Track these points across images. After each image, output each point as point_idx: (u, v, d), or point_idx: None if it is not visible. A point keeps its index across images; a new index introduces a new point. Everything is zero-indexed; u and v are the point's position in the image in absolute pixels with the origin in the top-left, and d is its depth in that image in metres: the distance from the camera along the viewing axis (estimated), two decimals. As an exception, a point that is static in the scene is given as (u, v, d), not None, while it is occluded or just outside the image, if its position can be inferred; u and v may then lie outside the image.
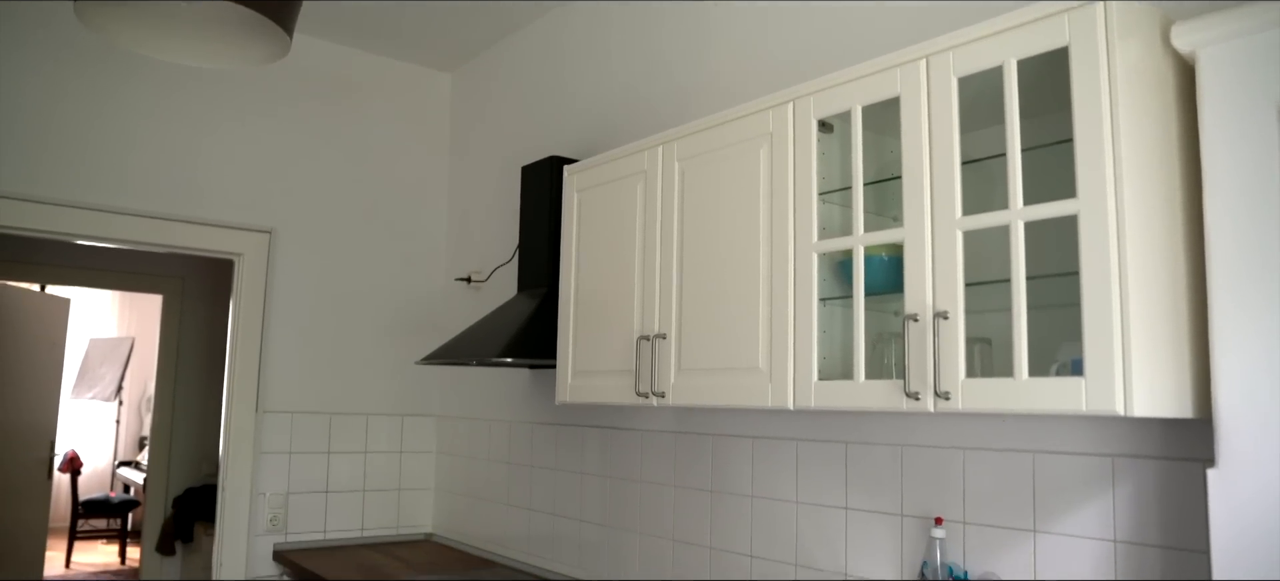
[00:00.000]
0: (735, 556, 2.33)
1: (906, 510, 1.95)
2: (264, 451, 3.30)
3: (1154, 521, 1.58)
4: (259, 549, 3.28)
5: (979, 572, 1.82)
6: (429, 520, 3.70)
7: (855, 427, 2.08)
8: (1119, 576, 1.61)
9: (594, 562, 2.80)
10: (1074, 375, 1.38)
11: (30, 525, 4.69)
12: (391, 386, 3.62)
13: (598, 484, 2.81)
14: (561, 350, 2.40)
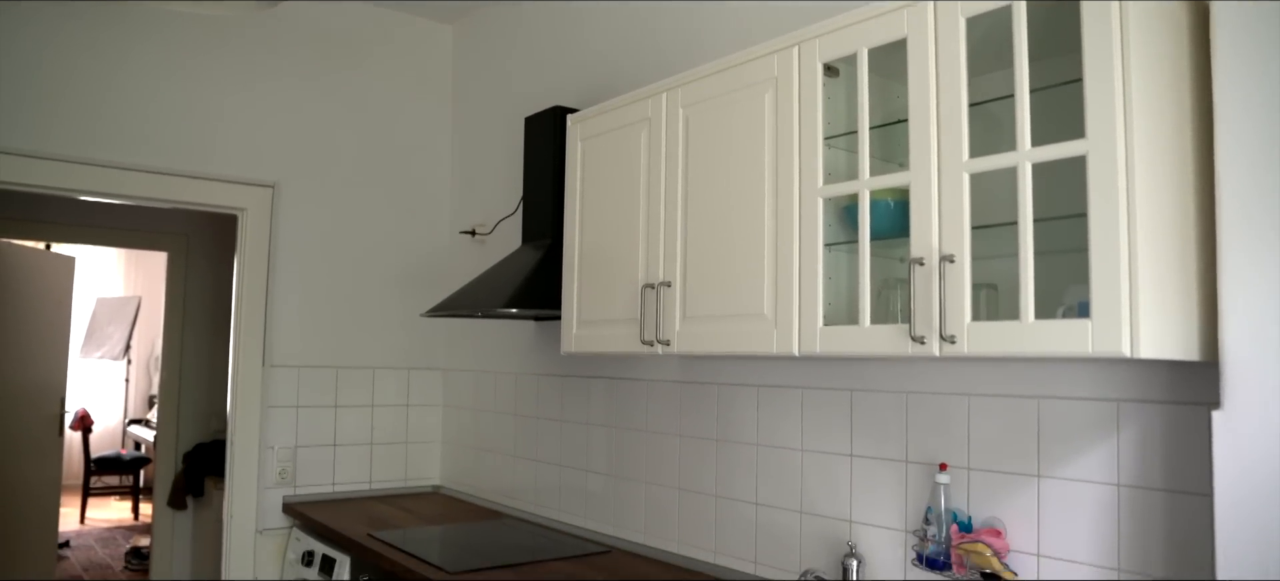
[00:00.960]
0: (740, 504, 2.35)
1: (911, 457, 1.96)
2: (271, 405, 3.33)
3: (1158, 465, 1.59)
4: (269, 501, 3.31)
5: (983, 517, 1.83)
6: (437, 473, 3.74)
7: (860, 375, 2.08)
8: (1122, 520, 1.62)
9: (600, 512, 2.83)
10: (1080, 318, 1.37)
11: (44, 481, 4.75)
12: (397, 340, 3.63)
13: (603, 434, 2.83)
14: (566, 300, 2.40)
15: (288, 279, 3.39)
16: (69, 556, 6.23)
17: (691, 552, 2.48)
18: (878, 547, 2.01)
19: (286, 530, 3.33)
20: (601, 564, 2.50)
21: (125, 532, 7.12)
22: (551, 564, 2.48)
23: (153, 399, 7.94)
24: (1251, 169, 1.37)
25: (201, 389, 4.70)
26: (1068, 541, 1.69)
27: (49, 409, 4.79)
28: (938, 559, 1.85)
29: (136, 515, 7.71)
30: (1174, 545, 1.56)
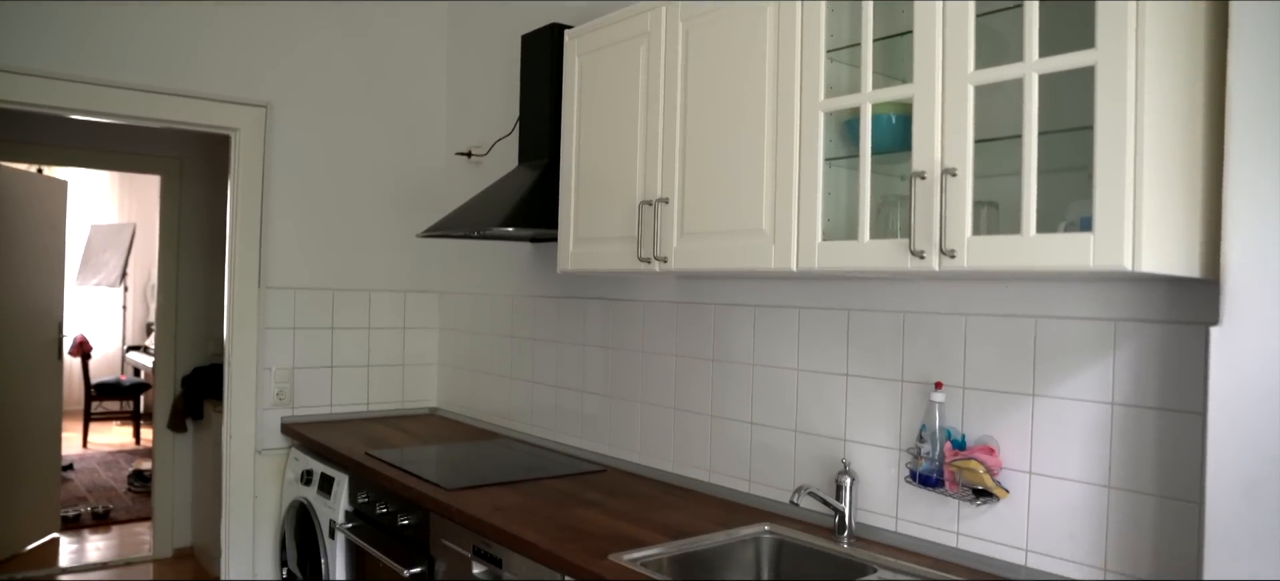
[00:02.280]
0: (735, 423, 2.37)
1: (907, 376, 1.97)
2: (268, 327, 3.33)
3: (1152, 384, 1.59)
4: (267, 422, 3.34)
5: (977, 436, 1.84)
6: (433, 395, 3.76)
7: (858, 294, 2.07)
8: (1114, 438, 1.63)
9: (596, 433, 2.85)
10: (1082, 232, 1.36)
11: (45, 405, 4.78)
12: (393, 263, 3.62)
13: (600, 355, 2.84)
14: (563, 218, 2.37)
15: (282, 201, 3.35)
16: (73, 478, 6.31)
17: (687, 471, 2.51)
18: (871, 466, 2.02)
19: (285, 450, 3.36)
20: (597, 481, 2.53)
21: (127, 456, 7.20)
22: (548, 481, 2.51)
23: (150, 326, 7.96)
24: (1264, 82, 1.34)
25: (198, 313, 4.70)
26: (1060, 458, 1.70)
27: (47, 334, 4.79)
28: (931, 476, 1.86)
29: (138, 439, 7.79)
30: (1164, 462, 1.57)
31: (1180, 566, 1.55)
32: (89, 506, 5.48)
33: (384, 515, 2.59)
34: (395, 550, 2.50)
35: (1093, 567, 1.66)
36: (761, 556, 2.05)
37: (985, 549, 1.82)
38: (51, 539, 4.87)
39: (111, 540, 4.97)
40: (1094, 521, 1.66)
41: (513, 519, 2.09)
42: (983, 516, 1.82)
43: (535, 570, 1.96)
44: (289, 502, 3.18)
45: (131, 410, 8.00)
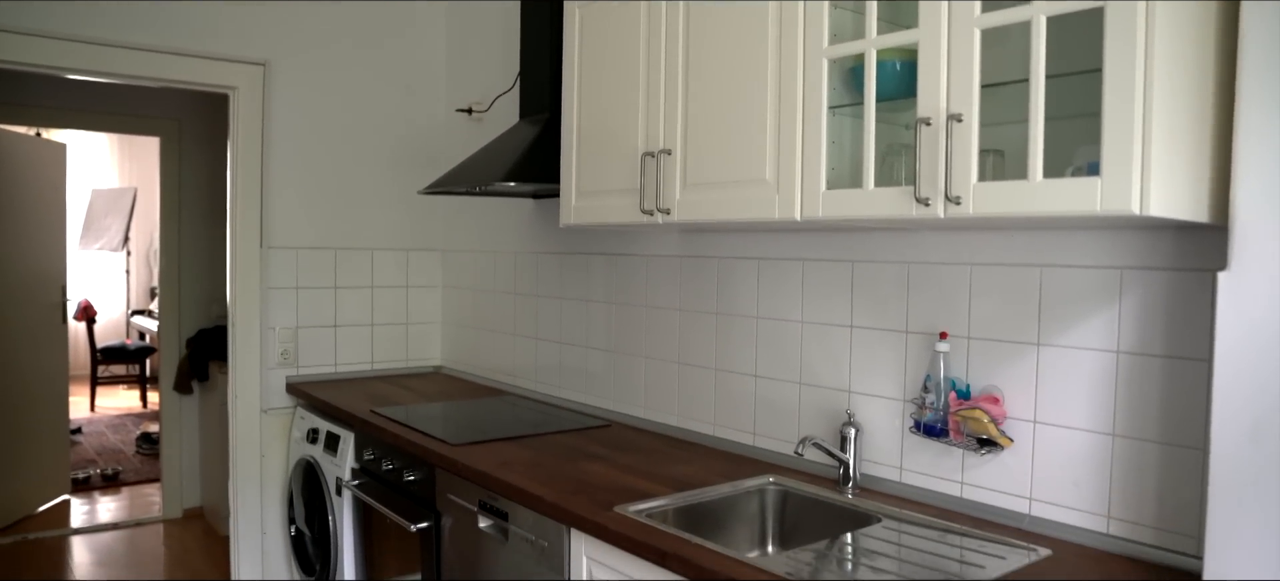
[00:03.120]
0: (740, 376, 2.37)
1: (911, 327, 1.96)
2: (271, 287, 3.32)
3: (1158, 332, 1.58)
4: (272, 382, 3.35)
5: (981, 385, 1.84)
6: (438, 353, 3.77)
7: (861, 246, 2.06)
8: (1120, 386, 1.63)
9: (601, 388, 2.85)
10: (1090, 176, 1.34)
11: (52, 369, 4.80)
12: (395, 221, 3.61)
13: (603, 310, 2.84)
14: (565, 171, 2.36)
15: (283, 160, 3.34)
16: (82, 441, 6.37)
17: (691, 425, 2.52)
18: (876, 417, 2.03)
19: (290, 409, 3.37)
20: (602, 436, 2.54)
21: (135, 419, 7.25)
22: (553, 436, 2.52)
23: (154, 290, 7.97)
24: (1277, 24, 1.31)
25: (201, 275, 4.70)
26: (1064, 407, 1.70)
27: (51, 297, 4.80)
28: (935, 426, 1.87)
29: (144, 402, 7.84)
30: (1169, 410, 1.57)
31: (1183, 513, 1.56)
32: (98, 468, 5.53)
33: (390, 471, 2.61)
34: (402, 505, 2.52)
35: (1096, 515, 1.67)
36: (766, 507, 2.06)
37: (989, 498, 1.82)
38: (62, 500, 4.92)
39: (121, 501, 5.02)
40: (1098, 469, 1.66)
41: (518, 473, 2.10)
42: (987, 465, 1.83)
43: (541, 522, 1.97)
44: (295, 461, 3.20)
45: (138, 374, 8.05)
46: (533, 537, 2.00)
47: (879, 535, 1.74)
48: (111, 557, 4.10)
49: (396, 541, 2.59)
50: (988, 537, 1.69)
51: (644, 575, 1.70)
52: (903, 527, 1.77)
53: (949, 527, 1.75)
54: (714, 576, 1.52)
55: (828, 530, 1.92)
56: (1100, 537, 1.66)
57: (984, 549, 1.64)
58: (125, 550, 4.21)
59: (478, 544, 2.21)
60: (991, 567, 1.54)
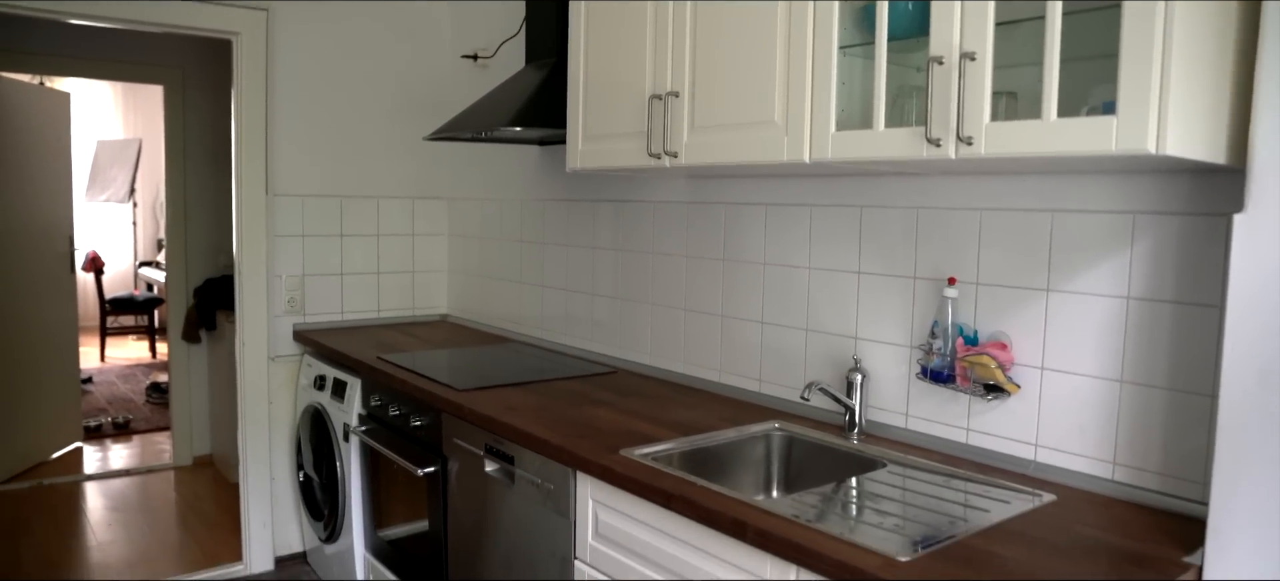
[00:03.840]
0: (746, 323, 2.36)
1: (919, 273, 1.95)
2: (277, 234, 3.32)
3: (1169, 278, 1.57)
4: (279, 329, 3.36)
5: (989, 331, 1.83)
6: (444, 301, 3.77)
7: (871, 191, 2.04)
8: (1129, 332, 1.61)
9: (606, 336, 2.85)
10: (1105, 115, 1.32)
11: (61, 318, 4.82)
12: (400, 169, 3.59)
13: (610, 257, 2.82)
14: (571, 116, 2.33)
15: (287, 107, 3.31)
16: (92, 391, 6.42)
17: (697, 372, 2.52)
18: (882, 363, 2.02)
19: (298, 357, 3.39)
20: (608, 382, 2.54)
21: (144, 369, 7.31)
22: (558, 382, 2.52)
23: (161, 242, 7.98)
24: (1302, -44, 1.28)
25: (208, 225, 4.69)
26: (1072, 354, 1.69)
27: (58, 246, 4.81)
28: (942, 372, 1.86)
29: (154, 353, 7.89)
30: (1178, 356, 1.56)
31: (1188, 460, 1.56)
32: (109, 417, 5.59)
33: (397, 417, 2.62)
34: (408, 450, 2.54)
35: (1102, 461, 1.67)
36: (772, 452, 2.06)
37: (995, 444, 1.82)
38: (75, 447, 4.98)
39: (133, 449, 5.07)
40: (1104, 416, 1.66)
41: (524, 417, 2.11)
42: (993, 412, 1.83)
43: (546, 466, 1.98)
44: (303, 408, 3.22)
45: (146, 325, 8.09)
46: (539, 481, 2.01)
47: (884, 480, 1.74)
48: (124, 503, 4.16)
49: (404, 486, 2.62)
50: (992, 483, 1.70)
51: (649, 517, 1.71)
52: (907, 473, 1.78)
53: (954, 473, 1.76)
54: (719, 517, 1.52)
55: (833, 475, 1.92)
56: (1105, 484, 1.66)
57: (988, 493, 1.64)
58: (137, 496, 4.26)
59: (484, 487, 2.23)
60: (996, 512, 1.54)
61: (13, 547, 3.57)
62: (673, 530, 1.66)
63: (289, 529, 3.48)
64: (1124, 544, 1.42)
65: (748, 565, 1.51)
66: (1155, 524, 1.51)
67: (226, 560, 3.46)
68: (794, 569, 1.43)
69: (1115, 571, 1.31)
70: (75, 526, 3.85)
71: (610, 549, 1.82)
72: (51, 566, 3.42)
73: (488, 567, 2.25)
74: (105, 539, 3.71)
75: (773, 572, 1.47)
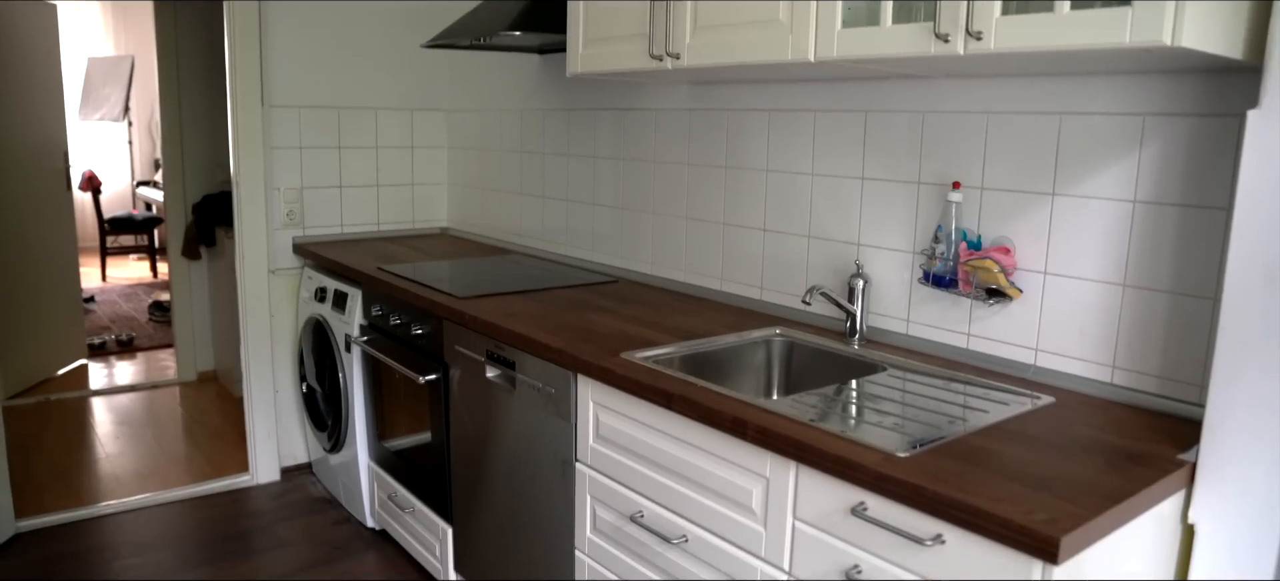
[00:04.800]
0: (748, 231, 2.35)
1: (924, 178, 1.93)
2: (274, 146, 3.28)
3: (1176, 181, 1.55)
4: (279, 242, 3.35)
5: (993, 236, 1.82)
6: (444, 214, 3.75)
7: (876, 96, 2.00)
8: (1134, 236, 1.60)
9: (608, 246, 2.84)
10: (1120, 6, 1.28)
11: (60, 237, 4.80)
12: (398, 81, 3.53)
13: (610, 167, 2.80)
14: (572, 18, 2.28)
15: (281, 15, 3.24)
16: (95, 310, 6.44)
17: (699, 280, 2.51)
18: (885, 269, 2.02)
19: (298, 269, 3.38)
20: (609, 291, 2.54)
21: (146, 288, 7.32)
22: (559, 291, 2.53)
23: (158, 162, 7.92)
24: None
25: (204, 141, 4.64)
26: (1076, 258, 1.69)
27: (53, 164, 4.76)
28: (944, 277, 1.86)
29: (155, 273, 7.90)
30: (1182, 259, 1.55)
31: (1188, 363, 1.56)
32: (113, 335, 5.61)
33: (398, 326, 2.63)
34: (410, 359, 2.55)
35: (1101, 365, 1.67)
36: (772, 357, 2.07)
37: (995, 349, 1.83)
38: (80, 365, 5.01)
39: (137, 366, 5.11)
40: (1106, 320, 1.66)
41: (525, 323, 2.12)
42: (994, 317, 1.83)
43: (547, 370, 1.99)
44: (305, 320, 3.23)
45: (146, 245, 8.08)
46: (540, 385, 2.02)
47: (884, 383, 1.75)
48: (130, 417, 4.20)
49: (406, 395, 2.64)
50: (991, 386, 1.71)
51: (650, 418, 1.73)
52: (907, 376, 1.79)
53: (953, 376, 1.77)
54: (720, 416, 1.54)
55: (833, 379, 1.94)
56: (1104, 387, 1.67)
57: (987, 396, 1.65)
58: (143, 410, 4.31)
59: (485, 393, 2.25)
60: (994, 413, 1.55)
61: (24, 460, 3.63)
62: (673, 430, 1.68)
63: (293, 440, 3.53)
64: (1120, 442, 1.43)
65: (748, 463, 1.53)
66: (1152, 424, 1.52)
67: (233, 471, 3.52)
68: (794, 466, 1.45)
69: (1111, 468, 1.32)
70: (84, 440, 3.90)
71: (611, 450, 1.85)
72: (62, 477, 3.47)
73: (490, 472, 2.28)
74: (113, 451, 3.76)
75: (773, 470, 1.49)
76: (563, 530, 2.03)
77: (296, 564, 2.84)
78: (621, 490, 1.83)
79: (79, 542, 2.96)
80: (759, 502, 1.52)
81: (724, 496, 1.59)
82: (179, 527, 3.08)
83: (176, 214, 4.63)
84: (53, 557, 2.86)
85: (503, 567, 2.30)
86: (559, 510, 2.03)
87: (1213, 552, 1.39)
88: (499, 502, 2.26)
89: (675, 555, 1.71)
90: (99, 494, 3.32)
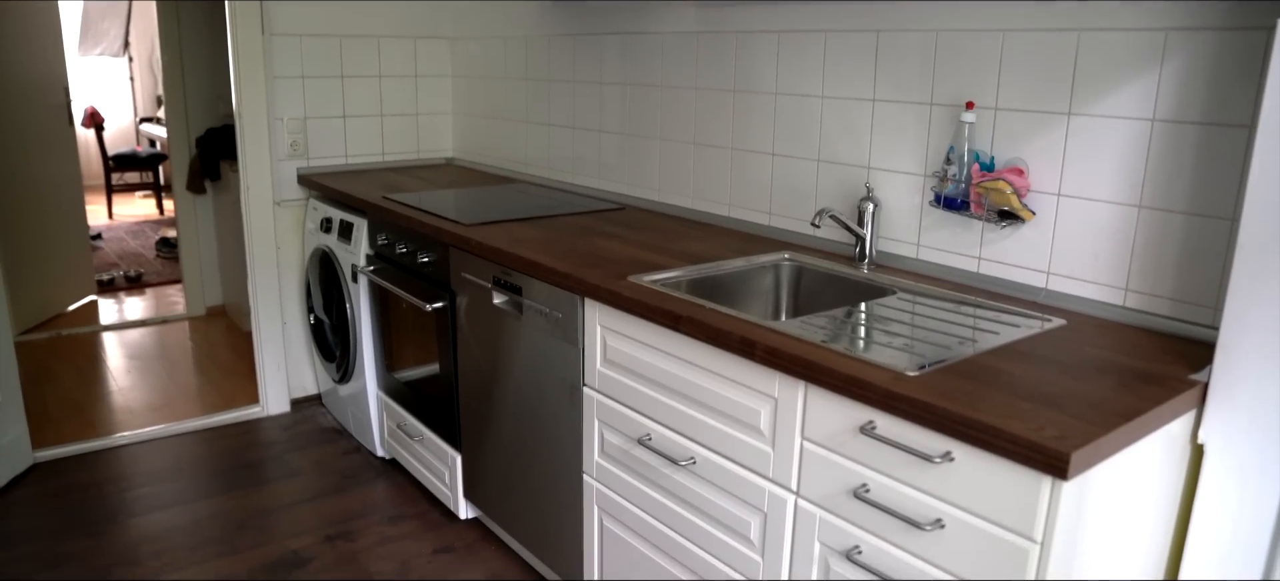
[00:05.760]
0: (757, 155, 2.32)
1: (936, 99, 1.89)
2: (276, 76, 3.24)
3: (1198, 98, 1.51)
4: (283, 174, 3.32)
5: (1006, 158, 1.78)
6: (449, 145, 3.72)
7: (888, 14, 1.95)
8: (1152, 155, 1.57)
9: (614, 174, 2.81)
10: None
11: (65, 173, 4.78)
12: (400, 7, 3.46)
13: (617, 92, 2.75)
14: (575, -62, 2.22)
15: (278, -61, 3.17)
16: (102, 247, 6.45)
17: (706, 206, 2.49)
18: (895, 193, 1.99)
19: (303, 201, 3.37)
20: (616, 217, 2.52)
21: (153, 225, 7.32)
22: (566, 218, 2.51)
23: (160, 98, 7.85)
24: None
25: (205, 73, 4.59)
26: (1091, 179, 1.66)
27: (54, 98, 4.72)
28: (956, 199, 1.83)
29: (161, 210, 7.89)
30: (1200, 179, 1.52)
31: (1203, 286, 1.54)
32: (121, 271, 5.63)
33: (404, 255, 2.62)
34: (417, 287, 2.55)
35: (1114, 288, 1.65)
36: (781, 281, 2.06)
37: (1006, 272, 1.81)
38: (89, 301, 5.03)
39: (146, 301, 5.13)
40: (1120, 241, 1.63)
41: (532, 249, 2.10)
42: (1006, 240, 1.80)
43: (554, 294, 1.98)
44: (311, 251, 3.22)
45: (151, 182, 8.06)
46: (546, 310, 2.02)
47: (893, 306, 1.74)
48: (141, 352, 4.23)
49: (413, 325, 2.64)
50: (1002, 309, 1.69)
51: (658, 341, 1.72)
52: (917, 299, 1.77)
53: (963, 299, 1.75)
54: (727, 337, 1.53)
55: (841, 303, 1.92)
56: (1116, 310, 1.65)
57: (997, 318, 1.64)
58: (154, 345, 4.34)
59: (492, 320, 2.24)
60: (1004, 334, 1.54)
61: (39, 392, 3.66)
62: (681, 352, 1.67)
63: (303, 371, 3.55)
64: (1131, 363, 1.42)
65: (756, 384, 1.53)
66: (1164, 346, 1.51)
67: (243, 403, 3.55)
68: (802, 385, 1.45)
69: (1122, 387, 1.31)
70: (96, 373, 3.93)
71: (619, 374, 1.84)
72: (77, 409, 3.51)
73: (498, 399, 2.29)
74: (125, 384, 3.79)
75: (781, 390, 1.48)
76: (571, 455, 2.05)
77: (308, 491, 2.88)
78: (629, 413, 1.83)
79: (95, 472, 3.00)
80: (767, 423, 1.52)
81: (732, 418, 1.59)
82: (192, 457, 3.12)
83: (180, 148, 4.60)
84: (70, 485, 2.90)
85: (512, 493, 2.32)
86: (567, 435, 2.04)
87: (1221, 473, 1.38)
88: (507, 429, 2.28)
89: (683, 477, 1.72)
90: (113, 425, 3.36)
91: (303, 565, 2.47)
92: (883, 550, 1.36)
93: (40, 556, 2.50)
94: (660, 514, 1.79)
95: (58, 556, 2.50)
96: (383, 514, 2.75)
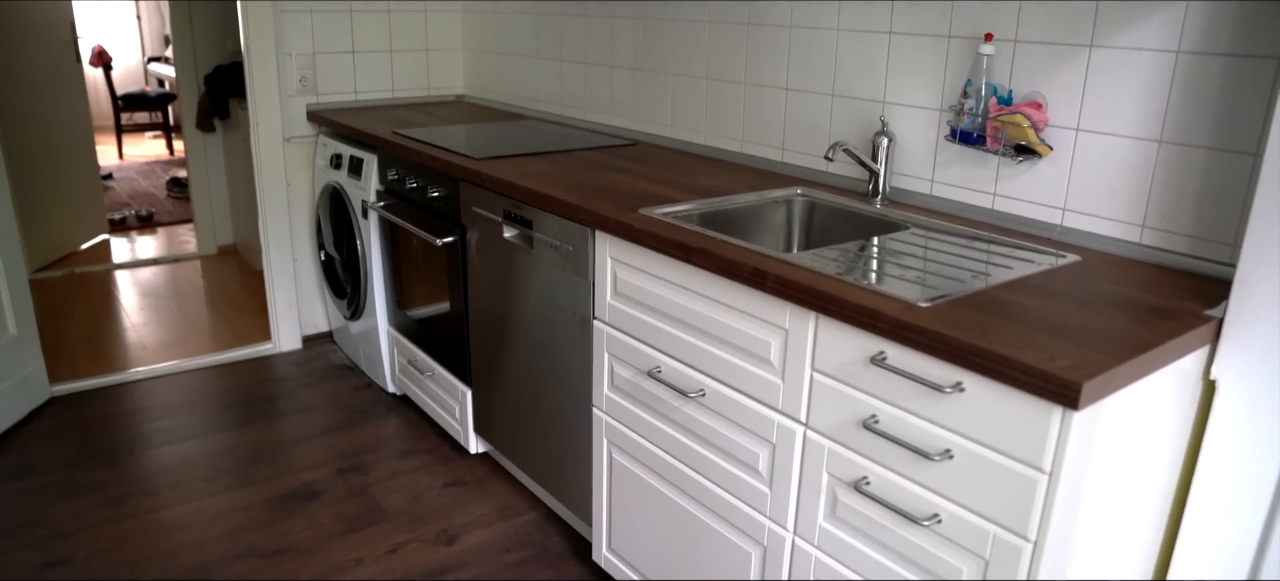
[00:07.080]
0: (770, 89, 2.28)
1: (954, 32, 1.85)
2: (284, 9, 3.20)
3: (1226, 28, 1.47)
4: (293, 110, 3.30)
5: (1024, 91, 1.75)
6: (459, 82, 3.68)
7: (909, -57, 1.91)
8: (1175, 89, 1.53)
9: (626, 110, 2.78)
10: None
11: (74, 112, 4.77)
12: (409, -57, 3.41)
13: (629, 26, 2.71)
14: None
15: None
16: (114, 186, 6.46)
17: (719, 142, 2.46)
18: (910, 127, 1.96)
19: (313, 137, 3.35)
20: (627, 152, 2.50)
21: (163, 165, 7.32)
22: (577, 152, 2.49)
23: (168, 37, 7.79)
24: None
25: (213, 10, 4.54)
26: (1111, 113, 1.62)
27: (61, 36, 4.68)
28: (972, 133, 1.80)
29: (171, 150, 7.88)
30: (1225, 113, 1.49)
31: (1221, 222, 1.52)
32: (133, 210, 5.64)
33: (414, 190, 2.61)
34: (427, 222, 2.54)
35: (1131, 224, 1.63)
36: (793, 216, 2.04)
37: (1021, 209, 1.79)
38: (102, 240, 5.05)
39: (158, 240, 5.15)
40: (1139, 177, 1.61)
41: (542, 182, 2.09)
42: (1022, 175, 1.78)
43: (565, 227, 1.97)
44: (321, 187, 3.21)
45: (161, 122, 8.04)
46: (557, 243, 2.01)
47: (906, 240, 1.72)
48: (154, 290, 4.26)
49: (423, 261, 2.64)
50: (1016, 244, 1.67)
51: (669, 273, 1.71)
52: (930, 235, 1.75)
53: (977, 235, 1.73)
54: (739, 268, 1.52)
55: (854, 237, 1.91)
56: (1132, 247, 1.63)
57: (1011, 254, 1.62)
58: (166, 283, 4.36)
59: (503, 253, 2.24)
60: (1018, 269, 1.52)
61: (54, 328, 3.70)
62: (691, 284, 1.67)
63: (314, 308, 3.56)
64: (1146, 298, 1.41)
65: (767, 315, 1.52)
66: (1180, 283, 1.49)
67: (256, 340, 3.57)
68: (813, 316, 1.44)
69: (1135, 320, 1.30)
70: (110, 310, 3.96)
71: (629, 307, 1.84)
72: (92, 345, 3.54)
73: (509, 334, 2.30)
74: (139, 321, 3.82)
75: (791, 321, 1.48)
76: (581, 388, 2.05)
77: (321, 426, 2.91)
78: (639, 346, 1.83)
79: (111, 406, 3.04)
80: (777, 354, 1.52)
81: (742, 349, 1.59)
82: (206, 392, 3.15)
83: (189, 89, 4.58)
84: (87, 419, 2.94)
85: (522, 428, 2.34)
86: (577, 368, 2.05)
87: (1232, 410, 1.38)
88: (518, 364, 2.29)
89: (693, 409, 1.72)
90: (127, 361, 3.39)
91: (315, 497, 2.51)
92: (891, 481, 1.36)
93: (61, 485, 2.54)
94: (670, 446, 1.80)
95: (77, 485, 2.54)
96: (394, 448, 2.78)
